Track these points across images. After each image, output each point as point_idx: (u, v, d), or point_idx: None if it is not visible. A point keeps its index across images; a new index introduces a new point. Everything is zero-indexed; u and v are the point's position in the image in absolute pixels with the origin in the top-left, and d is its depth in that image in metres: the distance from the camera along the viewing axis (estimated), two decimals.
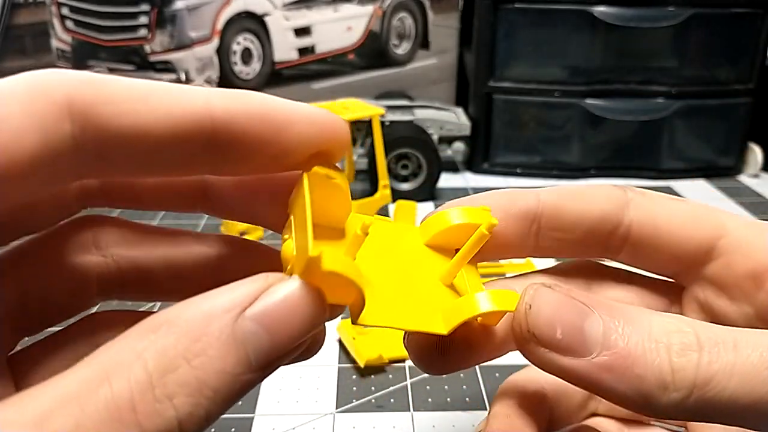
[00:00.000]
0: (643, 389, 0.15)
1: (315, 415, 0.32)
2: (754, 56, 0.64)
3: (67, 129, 0.14)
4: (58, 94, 0.14)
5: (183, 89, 0.15)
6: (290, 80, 0.76)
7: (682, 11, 0.61)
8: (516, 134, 0.67)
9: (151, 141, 0.15)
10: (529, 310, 0.17)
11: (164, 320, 0.14)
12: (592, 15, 0.62)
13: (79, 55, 0.73)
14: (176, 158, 0.16)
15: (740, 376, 0.15)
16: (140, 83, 0.15)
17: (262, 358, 0.14)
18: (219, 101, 0.15)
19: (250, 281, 0.15)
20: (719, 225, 0.20)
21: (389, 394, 0.34)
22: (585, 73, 0.64)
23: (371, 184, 0.58)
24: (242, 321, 0.14)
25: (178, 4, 0.71)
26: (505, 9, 0.63)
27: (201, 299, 0.14)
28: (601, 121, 0.65)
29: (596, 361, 0.16)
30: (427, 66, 0.78)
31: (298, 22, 0.74)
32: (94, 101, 0.14)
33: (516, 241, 0.20)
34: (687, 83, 0.64)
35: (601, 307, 0.16)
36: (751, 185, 0.65)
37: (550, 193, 0.20)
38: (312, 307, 0.15)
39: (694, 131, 0.65)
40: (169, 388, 0.13)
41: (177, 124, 0.15)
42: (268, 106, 0.16)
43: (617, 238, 0.20)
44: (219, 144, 0.16)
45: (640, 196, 0.20)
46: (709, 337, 0.16)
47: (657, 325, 0.16)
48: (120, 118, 0.14)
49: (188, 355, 0.13)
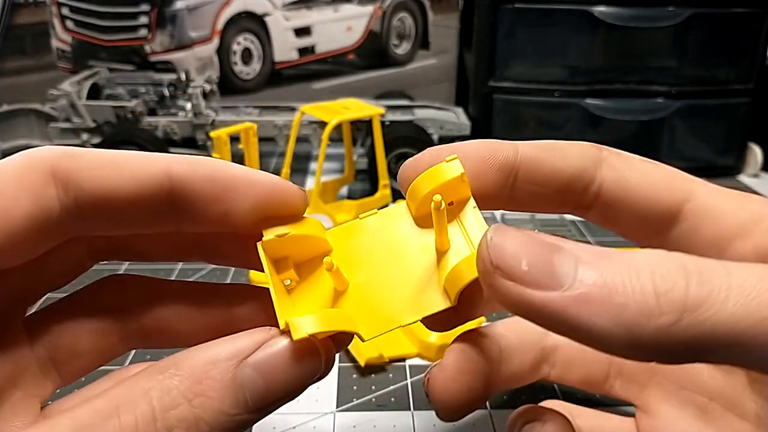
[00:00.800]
0: (626, 319, 0.13)
1: (315, 414, 0.33)
2: (754, 56, 0.64)
3: (53, 192, 0.16)
4: (44, 166, 0.16)
5: (148, 156, 0.18)
6: (290, 80, 0.76)
7: (682, 11, 0.61)
8: (516, 134, 0.67)
9: (122, 199, 0.17)
10: (491, 242, 0.15)
11: (171, 364, 0.16)
12: (592, 15, 0.62)
13: (79, 56, 0.73)
14: (145, 214, 0.18)
15: (737, 296, 0.13)
16: (112, 153, 0.18)
17: (258, 401, 0.16)
18: (177, 165, 0.18)
19: (253, 333, 0.17)
20: (688, 189, 0.20)
21: (390, 393, 0.34)
22: (585, 73, 0.64)
23: (371, 184, 0.58)
24: (243, 368, 0.16)
25: (178, 4, 0.71)
26: (505, 9, 0.63)
27: (207, 347, 0.17)
28: (600, 121, 0.65)
29: (570, 293, 0.14)
30: (427, 66, 0.78)
31: (298, 22, 0.74)
32: (73, 168, 0.17)
33: (493, 192, 0.20)
34: (687, 83, 0.64)
35: (572, 244, 0.15)
36: (751, 185, 0.65)
37: (528, 146, 0.20)
38: (303, 360, 0.17)
39: (694, 131, 0.66)
40: (170, 422, 0.15)
41: (141, 184, 0.17)
42: (216, 170, 0.18)
43: (589, 195, 0.20)
44: (177, 202, 0.18)
45: (615, 156, 0.21)
46: (697, 263, 0.14)
47: (637, 256, 0.14)
48: (94, 181, 0.17)
49: (189, 395, 0.16)
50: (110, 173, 0.17)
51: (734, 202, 0.20)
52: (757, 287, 0.13)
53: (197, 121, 0.64)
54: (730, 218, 0.19)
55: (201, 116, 0.64)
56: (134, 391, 0.16)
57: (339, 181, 0.60)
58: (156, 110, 0.66)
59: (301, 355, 0.17)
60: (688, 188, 0.20)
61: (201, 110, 0.64)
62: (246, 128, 0.52)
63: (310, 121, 0.63)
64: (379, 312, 0.19)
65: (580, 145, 0.21)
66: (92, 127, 0.64)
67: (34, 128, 0.69)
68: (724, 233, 0.19)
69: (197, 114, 0.64)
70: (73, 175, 0.17)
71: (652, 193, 0.20)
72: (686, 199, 0.20)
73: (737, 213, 0.19)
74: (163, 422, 0.15)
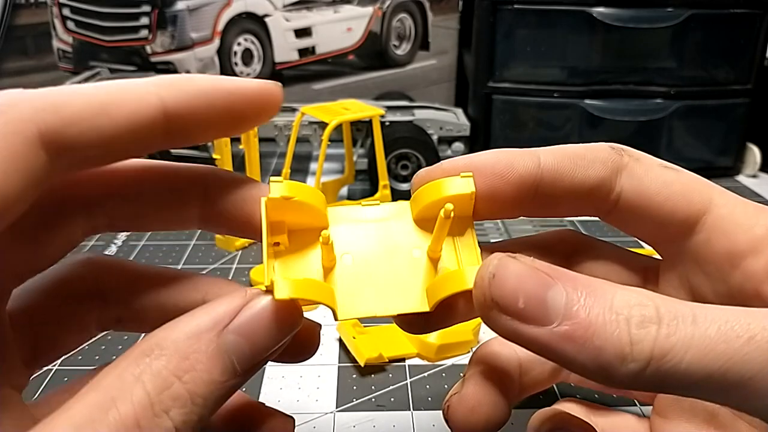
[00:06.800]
0: (602, 360, 0.15)
1: (315, 414, 0.33)
2: (753, 57, 0.64)
3: (43, 157, 0.16)
4: (29, 131, 0.15)
5: (135, 90, 0.17)
6: (290, 81, 0.76)
7: (681, 12, 0.61)
8: (515, 134, 0.67)
9: (116, 143, 0.17)
10: (493, 280, 0.17)
11: (155, 344, 0.16)
12: (591, 16, 0.62)
13: (80, 56, 0.73)
14: (137, 147, 0.18)
15: (696, 350, 0.15)
16: (97, 94, 0.16)
17: (245, 363, 0.17)
18: (168, 95, 0.17)
19: (230, 298, 0.17)
20: (707, 200, 0.20)
21: (389, 393, 0.34)
22: (584, 73, 0.64)
23: (371, 184, 0.58)
24: (226, 335, 0.17)
25: (179, 5, 0.71)
26: (505, 10, 0.63)
27: (186, 320, 0.17)
28: (600, 122, 0.65)
29: (557, 330, 0.16)
30: (426, 67, 0.78)
31: (298, 23, 0.74)
32: (61, 126, 0.16)
33: (512, 203, 0.20)
34: (686, 84, 0.64)
35: (565, 278, 0.16)
36: (750, 185, 0.66)
37: (548, 156, 0.20)
38: (285, 317, 0.17)
39: (693, 132, 0.66)
40: (165, 403, 0.16)
41: (136, 125, 0.17)
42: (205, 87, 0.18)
43: (609, 202, 0.21)
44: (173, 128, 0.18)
45: (635, 162, 0.20)
46: (668, 310, 0.16)
47: (619, 297, 0.16)
48: (85, 135, 0.16)
49: (179, 372, 0.16)
50: (101, 122, 0.16)
51: (751, 216, 0.20)
52: (714, 339, 0.15)
53: None
54: (745, 233, 0.19)
55: None
56: (125, 378, 0.16)
57: (339, 181, 0.61)
58: None
59: (281, 314, 0.17)
60: (707, 199, 0.20)
61: None
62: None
63: (311, 122, 0.63)
64: (359, 297, 0.19)
65: (602, 151, 0.20)
66: None
67: None
68: (739, 248, 0.19)
69: None
70: (63, 134, 0.16)
71: (671, 203, 0.20)
72: (704, 210, 0.20)
73: (753, 228, 0.19)
74: (159, 405, 0.15)
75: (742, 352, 0.15)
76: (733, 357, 0.15)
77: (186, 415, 0.16)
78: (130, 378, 0.16)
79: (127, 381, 0.16)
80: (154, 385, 0.16)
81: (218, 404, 0.17)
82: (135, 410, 0.15)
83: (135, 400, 0.15)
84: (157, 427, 0.15)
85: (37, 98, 0.16)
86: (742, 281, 0.19)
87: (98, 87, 0.17)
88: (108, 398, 0.15)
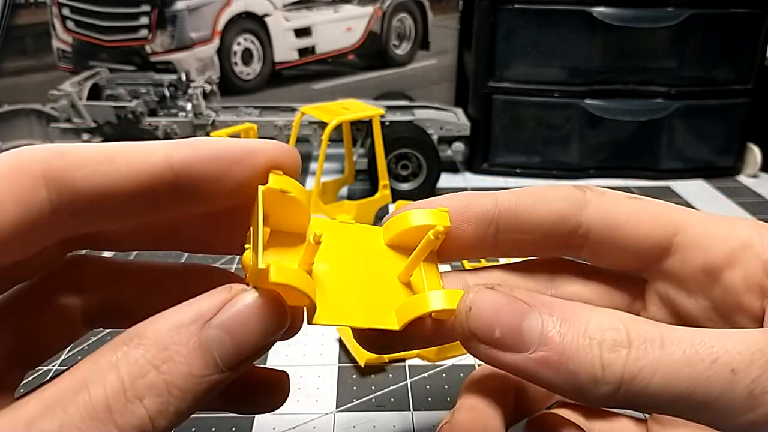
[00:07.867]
0: (577, 383, 0.16)
1: (315, 414, 0.33)
2: (753, 57, 0.64)
3: (44, 195, 0.16)
4: (33, 168, 0.16)
5: (145, 147, 0.18)
6: (290, 81, 0.76)
7: (681, 12, 0.61)
8: (515, 134, 0.67)
9: (119, 195, 0.17)
10: (470, 312, 0.18)
11: (135, 334, 0.16)
12: (592, 15, 0.62)
13: (79, 56, 0.73)
14: (144, 205, 0.18)
15: (663, 373, 0.16)
16: (107, 147, 0.17)
17: (227, 360, 0.17)
18: (177, 152, 0.18)
19: (214, 293, 0.17)
20: (677, 222, 0.20)
21: (389, 393, 0.34)
22: (584, 73, 0.64)
23: (371, 184, 0.58)
24: (207, 329, 0.16)
25: (178, 5, 0.71)
26: (505, 10, 0.63)
27: (169, 314, 0.17)
28: (600, 122, 0.65)
29: (533, 356, 0.17)
30: (426, 66, 0.78)
31: (298, 23, 0.74)
32: (66, 168, 0.16)
33: (473, 242, 0.21)
34: (686, 84, 0.64)
35: (541, 305, 0.17)
36: (750, 185, 0.65)
37: (507, 196, 0.21)
38: (270, 314, 0.17)
39: (693, 131, 0.66)
40: (140, 390, 0.15)
41: (141, 177, 0.17)
42: (217, 148, 0.18)
43: (578, 237, 0.21)
44: (181, 188, 0.18)
45: (599, 196, 0.21)
46: (639, 334, 0.16)
47: (593, 322, 0.17)
48: (89, 180, 0.17)
49: (156, 362, 0.16)
50: (106, 169, 0.17)
51: (723, 228, 0.20)
52: (679, 363, 0.16)
53: (198, 122, 0.64)
54: (719, 247, 0.20)
55: (201, 116, 0.64)
56: (100, 364, 0.16)
57: (339, 181, 0.60)
58: (156, 111, 0.67)
59: (266, 310, 0.17)
60: (678, 221, 0.20)
61: (201, 110, 0.64)
62: (246, 129, 0.52)
63: (311, 122, 0.63)
64: (334, 305, 0.19)
65: (563, 189, 0.21)
66: (93, 128, 0.64)
67: (35, 128, 0.69)
68: (715, 262, 0.20)
69: (198, 114, 0.64)
70: (67, 176, 0.16)
71: (642, 228, 0.20)
72: (675, 231, 0.20)
73: (726, 240, 0.20)
74: (132, 392, 0.15)
75: (705, 375, 0.16)
76: (697, 380, 0.16)
77: (161, 404, 0.15)
78: (105, 364, 0.16)
79: (103, 366, 0.16)
80: (129, 372, 0.15)
81: (199, 399, 0.16)
82: (107, 394, 0.15)
83: (108, 384, 0.15)
84: (129, 413, 0.15)
85: (47, 146, 0.17)
86: (723, 295, 0.20)
87: (107, 143, 0.17)
88: (80, 381, 0.15)
